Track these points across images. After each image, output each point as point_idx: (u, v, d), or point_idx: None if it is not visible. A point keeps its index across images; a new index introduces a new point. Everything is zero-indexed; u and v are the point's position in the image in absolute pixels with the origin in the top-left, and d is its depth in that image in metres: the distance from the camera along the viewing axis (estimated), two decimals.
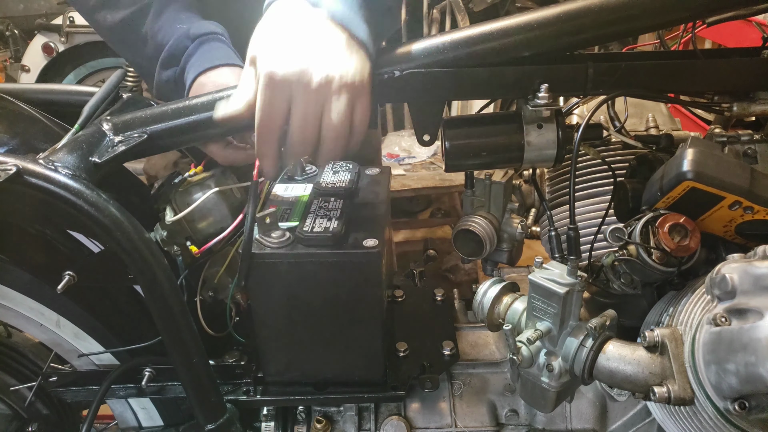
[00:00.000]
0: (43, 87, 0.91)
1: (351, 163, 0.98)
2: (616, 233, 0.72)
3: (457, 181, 2.45)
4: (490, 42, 0.73)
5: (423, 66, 0.74)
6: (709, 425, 0.65)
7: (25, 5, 3.66)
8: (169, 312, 0.75)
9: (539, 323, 0.73)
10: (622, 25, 0.72)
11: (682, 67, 0.76)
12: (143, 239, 0.72)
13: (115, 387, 0.89)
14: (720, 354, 0.59)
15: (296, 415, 0.92)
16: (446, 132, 0.78)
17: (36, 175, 0.68)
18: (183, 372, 0.80)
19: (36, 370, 1.03)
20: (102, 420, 1.17)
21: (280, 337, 0.86)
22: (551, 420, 0.91)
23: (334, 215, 0.82)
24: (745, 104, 0.77)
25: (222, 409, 0.84)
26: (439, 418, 0.91)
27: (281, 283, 0.80)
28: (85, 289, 0.87)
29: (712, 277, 0.62)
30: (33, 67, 3.19)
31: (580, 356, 0.70)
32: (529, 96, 0.74)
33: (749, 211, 0.69)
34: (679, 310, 0.70)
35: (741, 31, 1.75)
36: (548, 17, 0.72)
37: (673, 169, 0.70)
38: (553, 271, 0.72)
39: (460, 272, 2.50)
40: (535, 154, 0.76)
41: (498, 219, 0.90)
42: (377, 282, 0.80)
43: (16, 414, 1.00)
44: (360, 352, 0.86)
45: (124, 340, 0.93)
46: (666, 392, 0.64)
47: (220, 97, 0.75)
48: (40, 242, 0.86)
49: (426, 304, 1.06)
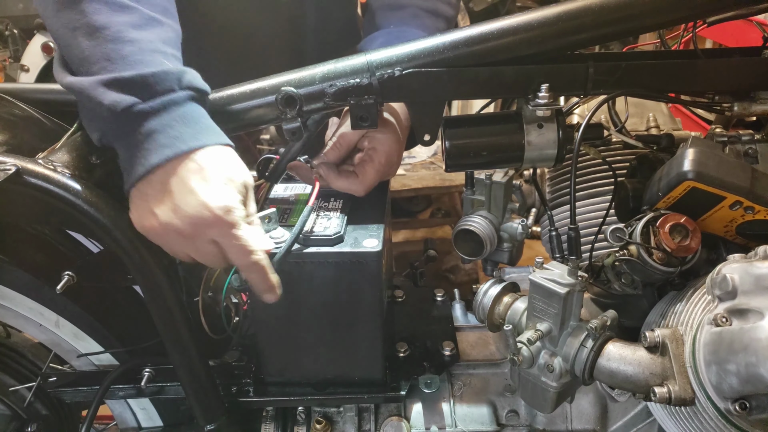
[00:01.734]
0: (42, 87, 0.90)
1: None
2: (617, 233, 0.72)
3: (457, 181, 2.46)
4: (491, 42, 0.73)
5: (423, 66, 0.73)
6: (710, 426, 0.65)
7: (24, 5, 3.65)
8: (169, 312, 0.75)
9: (540, 323, 0.73)
10: (622, 24, 0.72)
11: (683, 67, 0.76)
12: (143, 239, 0.72)
13: (114, 387, 0.89)
14: (721, 354, 0.59)
15: (296, 416, 0.92)
16: (446, 132, 0.78)
17: (35, 174, 0.68)
18: (182, 372, 0.80)
19: (35, 370, 1.02)
20: (101, 420, 1.16)
21: (280, 337, 0.85)
22: (552, 420, 0.91)
23: (334, 215, 0.82)
24: (746, 104, 0.77)
25: (221, 409, 0.83)
26: (440, 418, 0.91)
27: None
28: (85, 289, 0.87)
29: (712, 277, 0.62)
30: (32, 67, 3.18)
31: (580, 357, 0.70)
32: (529, 96, 0.74)
33: (750, 211, 0.69)
34: (679, 311, 0.70)
35: (742, 31, 1.75)
36: (549, 17, 0.72)
37: (674, 169, 0.70)
38: (553, 271, 0.72)
39: (460, 272, 2.50)
40: (536, 153, 0.76)
41: (498, 219, 0.90)
42: (377, 282, 0.80)
43: (15, 414, 1.00)
44: (360, 353, 0.86)
45: (123, 341, 0.93)
46: (666, 393, 0.64)
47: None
48: (40, 242, 0.86)
49: (426, 304, 1.06)
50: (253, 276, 0.70)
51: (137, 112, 0.64)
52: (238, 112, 0.77)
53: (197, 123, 0.68)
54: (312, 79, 0.75)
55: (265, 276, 0.70)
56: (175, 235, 0.66)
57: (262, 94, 0.76)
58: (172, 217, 0.65)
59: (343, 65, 0.75)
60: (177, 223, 0.65)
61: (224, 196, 0.66)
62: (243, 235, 0.67)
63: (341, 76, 0.75)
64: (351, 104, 0.75)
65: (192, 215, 0.64)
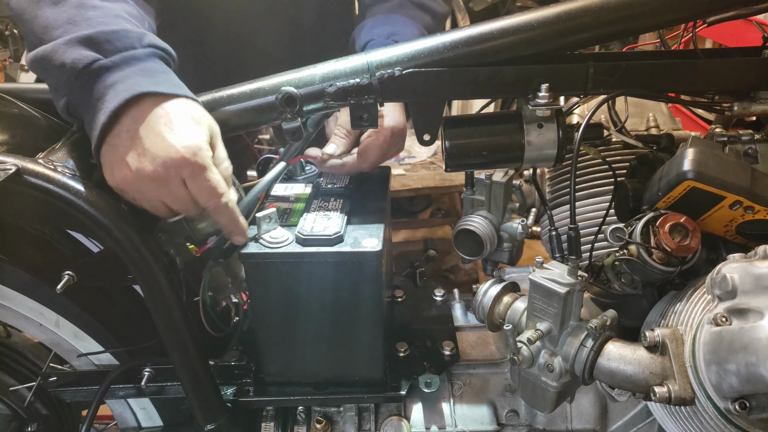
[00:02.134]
0: (42, 87, 0.90)
1: None
2: (617, 233, 0.72)
3: (457, 181, 2.45)
4: (491, 41, 0.73)
5: (423, 66, 0.73)
6: (710, 425, 0.65)
7: None
8: (169, 312, 0.75)
9: (540, 323, 0.73)
10: (622, 24, 0.72)
11: (683, 67, 0.76)
12: (143, 239, 0.72)
13: (114, 387, 0.89)
14: (720, 354, 0.59)
15: (296, 416, 0.92)
16: (446, 131, 0.78)
17: (35, 174, 0.68)
18: (182, 372, 0.80)
19: (35, 370, 1.02)
20: (101, 420, 1.16)
21: (280, 337, 0.85)
22: (552, 420, 0.91)
23: (334, 215, 0.82)
24: (746, 104, 0.77)
25: (221, 409, 0.83)
26: (440, 418, 0.91)
27: (281, 283, 0.80)
28: (85, 289, 0.87)
29: (712, 276, 0.62)
30: None
31: (580, 356, 0.70)
32: (529, 95, 0.74)
33: (750, 210, 0.69)
34: (679, 310, 0.70)
35: (741, 31, 1.75)
36: (549, 17, 0.72)
37: (674, 168, 0.70)
38: (553, 271, 0.72)
39: (460, 272, 2.50)
40: (536, 153, 0.76)
41: (498, 219, 0.90)
42: (377, 282, 0.80)
43: (15, 414, 1.00)
44: (360, 352, 0.86)
45: (123, 340, 0.93)
46: (666, 392, 0.64)
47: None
48: (40, 242, 0.85)
49: (426, 304, 1.06)
50: (222, 218, 0.73)
51: (98, 68, 0.67)
52: (238, 112, 0.77)
53: (158, 75, 0.70)
54: (312, 79, 0.75)
55: (234, 217, 0.73)
56: (148, 180, 0.68)
57: (262, 94, 0.76)
58: (143, 161, 0.67)
59: (343, 65, 0.75)
60: (148, 167, 0.67)
61: (191, 137, 0.68)
62: (212, 177, 0.69)
63: (341, 76, 0.75)
64: (351, 104, 0.75)
65: (162, 156, 0.66)
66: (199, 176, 0.68)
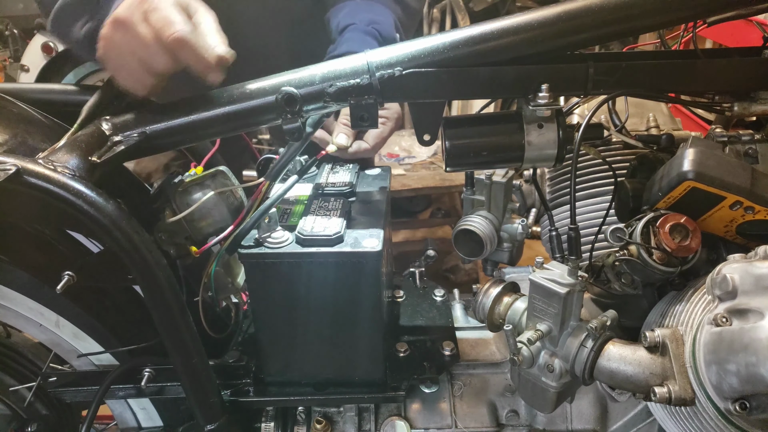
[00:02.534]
0: (42, 87, 0.90)
1: (351, 164, 0.98)
2: (617, 233, 0.72)
3: (457, 181, 2.46)
4: (491, 42, 0.73)
5: (423, 66, 0.73)
6: (710, 426, 0.65)
7: (24, 5, 3.65)
8: (169, 312, 0.75)
9: (540, 324, 0.73)
10: (622, 24, 0.72)
11: (683, 67, 0.76)
12: (143, 239, 0.72)
13: (114, 387, 0.89)
14: (721, 354, 0.59)
15: (296, 416, 0.92)
16: (446, 132, 0.78)
17: (35, 174, 0.68)
18: (183, 372, 0.80)
19: (35, 370, 1.02)
20: (102, 420, 1.17)
21: (280, 337, 0.85)
22: (552, 420, 0.91)
23: (334, 215, 0.82)
24: (746, 104, 0.77)
25: (222, 409, 0.83)
26: (440, 418, 0.91)
27: (281, 283, 0.80)
28: (85, 289, 0.87)
29: (713, 277, 0.62)
30: (32, 67, 3.18)
31: (580, 357, 0.70)
32: (529, 96, 0.74)
33: (750, 211, 0.69)
34: (679, 311, 0.70)
35: (742, 31, 1.75)
36: (549, 17, 0.72)
37: (674, 169, 0.70)
38: (553, 271, 0.72)
39: (460, 272, 2.50)
40: (536, 153, 0.76)
41: (498, 219, 0.90)
42: (377, 282, 0.80)
43: (15, 414, 1.00)
44: (360, 353, 0.86)
45: (123, 341, 0.93)
46: (667, 393, 0.64)
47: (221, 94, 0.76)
48: (40, 242, 0.85)
49: (426, 304, 1.06)
50: (183, 54, 0.72)
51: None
52: (238, 112, 0.77)
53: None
54: (312, 79, 0.75)
55: (195, 52, 0.72)
56: (120, 27, 0.73)
57: (262, 94, 0.76)
58: (114, 14, 0.73)
59: (343, 65, 0.75)
60: (116, 14, 0.73)
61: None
62: (166, 9, 0.71)
63: (341, 77, 0.75)
64: (351, 104, 0.75)
65: (127, 2, 0.73)
66: (155, 11, 0.71)
